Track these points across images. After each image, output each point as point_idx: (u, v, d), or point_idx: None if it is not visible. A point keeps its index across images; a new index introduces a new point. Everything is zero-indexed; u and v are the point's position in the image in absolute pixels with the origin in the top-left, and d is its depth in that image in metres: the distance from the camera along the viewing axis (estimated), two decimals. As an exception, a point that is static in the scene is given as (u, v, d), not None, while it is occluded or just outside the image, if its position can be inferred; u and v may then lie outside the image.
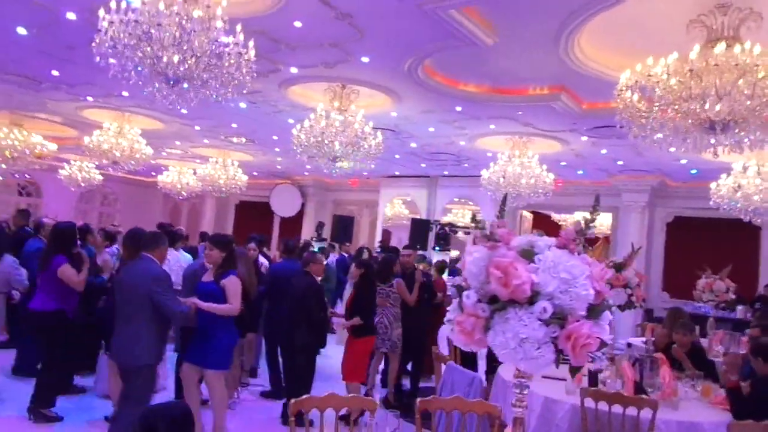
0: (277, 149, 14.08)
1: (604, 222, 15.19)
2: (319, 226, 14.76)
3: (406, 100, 8.80)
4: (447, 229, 14.07)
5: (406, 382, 7.63)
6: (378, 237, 16.25)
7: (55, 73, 9.00)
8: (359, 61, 7.19)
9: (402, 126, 10.42)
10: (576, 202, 14.77)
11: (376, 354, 6.91)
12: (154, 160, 17.72)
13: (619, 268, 4.89)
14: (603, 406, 3.93)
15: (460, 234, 15.21)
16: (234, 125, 11.63)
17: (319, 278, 6.21)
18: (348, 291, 8.38)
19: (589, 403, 3.93)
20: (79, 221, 9.11)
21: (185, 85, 5.19)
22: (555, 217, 17.21)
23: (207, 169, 14.86)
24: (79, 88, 9.74)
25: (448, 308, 1.85)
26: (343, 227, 14.22)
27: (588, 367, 4.82)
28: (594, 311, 1.68)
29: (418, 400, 3.10)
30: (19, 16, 6.67)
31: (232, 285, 4.68)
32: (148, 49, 4.90)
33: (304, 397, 2.95)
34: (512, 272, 1.62)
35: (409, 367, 7.64)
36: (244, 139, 13.27)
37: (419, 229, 13.11)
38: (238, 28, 5.24)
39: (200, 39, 4.99)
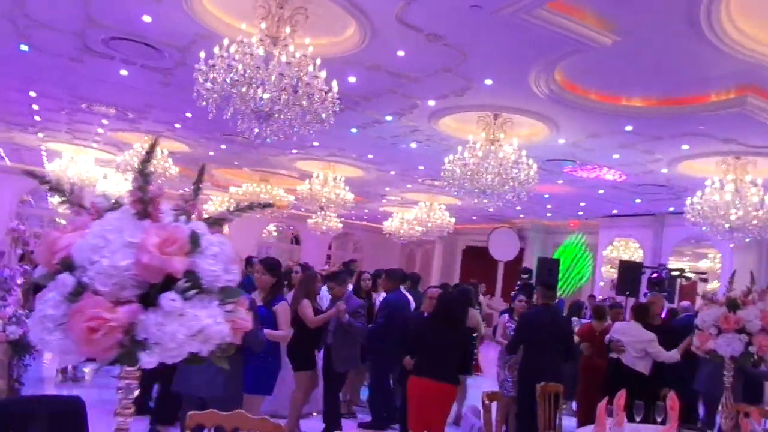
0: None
1: None
2: (524, 270, 13.94)
3: (564, 124, 7.98)
4: (673, 273, 12.01)
5: None
6: (598, 282, 14.64)
7: (256, 130, 10.45)
8: (484, 85, 6.82)
9: (579, 155, 9.42)
10: None
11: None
12: (381, 207, 19.13)
13: (733, 305, 3.56)
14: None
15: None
16: (420, 167, 11.89)
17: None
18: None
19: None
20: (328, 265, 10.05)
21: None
22: None
23: (416, 214, 15.37)
24: (280, 142, 11.09)
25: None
26: (548, 270, 13.16)
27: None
28: (153, 291, 1.29)
29: (189, 414, 2.70)
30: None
31: (285, 311, 4.70)
32: (243, 89, 5.38)
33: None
34: (47, 239, 1.36)
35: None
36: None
37: (629, 272, 11.42)
38: (318, 61, 5.45)
39: (286, 80, 5.31)
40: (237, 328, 1.47)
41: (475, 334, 8.38)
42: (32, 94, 9.74)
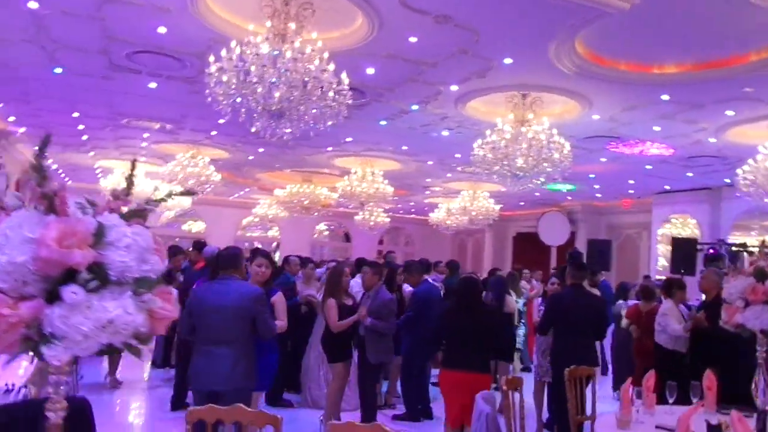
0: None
1: None
2: (574, 254, 13.44)
3: (596, 99, 7.67)
4: (734, 249, 11.36)
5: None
6: (653, 262, 14.03)
7: (287, 130, 10.56)
8: (503, 64, 6.62)
9: (618, 130, 9.04)
10: None
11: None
12: (426, 199, 19.00)
13: (761, 275, 3.29)
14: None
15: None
16: (457, 155, 11.69)
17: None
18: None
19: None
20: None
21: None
22: None
23: (459, 203, 15.19)
24: (314, 141, 11.15)
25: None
26: (599, 253, 12.70)
27: (708, 419, 3.41)
28: (55, 285, 1.28)
29: (189, 409, 2.68)
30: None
31: (282, 302, 4.71)
32: (258, 89, 5.41)
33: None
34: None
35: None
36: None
37: (683, 250, 10.86)
38: (326, 55, 5.43)
39: (294, 75, 5.31)
40: (158, 319, 1.45)
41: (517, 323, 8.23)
42: (75, 114, 10.17)
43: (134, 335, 1.38)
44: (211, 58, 5.46)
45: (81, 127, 11.10)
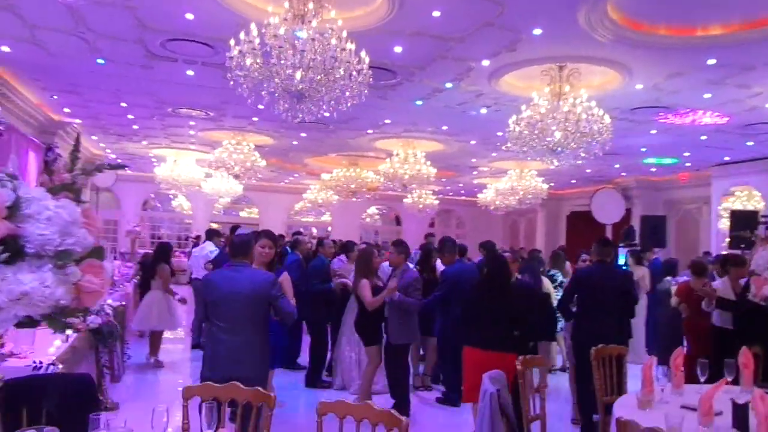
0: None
1: None
2: (628, 231, 12.94)
3: (636, 67, 7.28)
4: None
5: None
6: (713, 239, 13.31)
7: (326, 114, 10.57)
8: (533, 35, 6.37)
9: (665, 99, 8.56)
10: None
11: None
12: (475, 180, 18.69)
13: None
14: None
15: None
16: (499, 133, 11.40)
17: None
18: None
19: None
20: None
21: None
22: None
23: (506, 182, 14.88)
24: (353, 124, 11.15)
25: None
26: (652, 229, 12.15)
27: (742, 398, 3.21)
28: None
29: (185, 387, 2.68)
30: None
31: (288, 283, 4.69)
32: (286, 73, 5.42)
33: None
34: None
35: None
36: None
37: (743, 223, 10.21)
38: (344, 34, 5.37)
39: (314, 55, 5.29)
40: (87, 292, 1.46)
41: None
42: (123, 104, 10.53)
43: (56, 308, 1.40)
44: (232, 42, 5.50)
45: (130, 116, 11.49)
